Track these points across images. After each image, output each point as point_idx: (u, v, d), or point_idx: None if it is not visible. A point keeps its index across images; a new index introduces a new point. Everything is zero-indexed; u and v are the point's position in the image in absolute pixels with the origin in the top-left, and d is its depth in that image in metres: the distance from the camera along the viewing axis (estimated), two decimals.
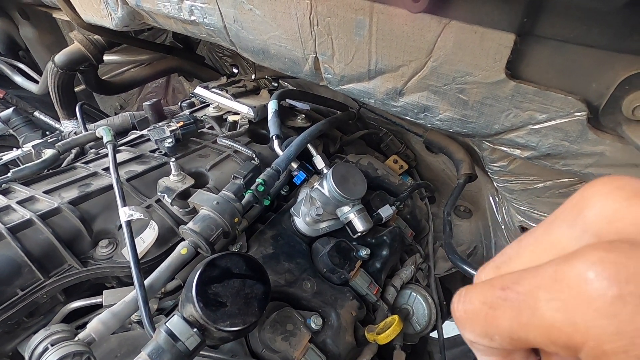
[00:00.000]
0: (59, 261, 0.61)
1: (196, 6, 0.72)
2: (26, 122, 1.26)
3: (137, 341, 0.56)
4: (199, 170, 0.81)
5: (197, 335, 0.47)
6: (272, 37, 0.66)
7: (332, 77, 0.64)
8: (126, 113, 1.12)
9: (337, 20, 0.56)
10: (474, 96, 0.51)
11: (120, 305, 0.52)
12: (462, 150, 0.95)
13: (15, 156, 0.86)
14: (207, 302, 0.48)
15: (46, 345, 0.47)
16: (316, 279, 0.72)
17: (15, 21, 1.76)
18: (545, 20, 0.42)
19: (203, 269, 0.50)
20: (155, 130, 0.85)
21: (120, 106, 2.16)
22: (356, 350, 0.69)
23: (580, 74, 0.44)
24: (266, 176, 0.68)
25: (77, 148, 0.90)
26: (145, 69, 1.51)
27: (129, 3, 0.84)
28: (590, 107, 0.45)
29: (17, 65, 1.75)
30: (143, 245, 0.64)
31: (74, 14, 1.02)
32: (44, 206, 0.65)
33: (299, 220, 0.76)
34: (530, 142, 0.52)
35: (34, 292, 0.57)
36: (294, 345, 0.62)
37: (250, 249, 0.72)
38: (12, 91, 1.56)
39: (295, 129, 1.00)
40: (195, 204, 0.63)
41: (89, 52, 1.17)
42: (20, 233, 0.60)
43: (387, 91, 0.59)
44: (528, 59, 0.46)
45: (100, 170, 0.76)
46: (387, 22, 0.51)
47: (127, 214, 0.59)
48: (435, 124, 0.59)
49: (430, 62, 0.51)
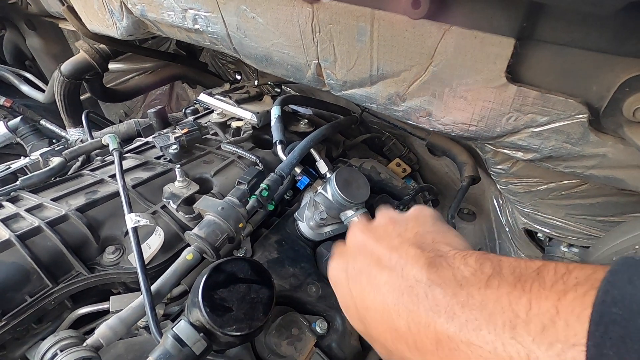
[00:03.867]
0: (67, 268, 0.62)
1: (200, 15, 0.73)
2: (33, 130, 1.27)
3: (145, 346, 0.56)
4: (203, 176, 0.82)
5: (204, 340, 0.47)
6: (274, 44, 0.67)
7: (334, 83, 0.65)
8: (131, 120, 1.14)
9: (339, 27, 0.56)
10: (475, 100, 0.52)
11: (128, 310, 0.52)
12: (465, 153, 0.95)
13: (23, 164, 0.88)
14: (213, 307, 0.48)
15: (55, 351, 0.47)
16: (321, 283, 0.72)
17: (22, 32, 1.80)
18: (545, 24, 0.43)
19: (209, 274, 0.50)
20: (160, 137, 0.86)
21: (125, 114, 2.18)
22: (361, 354, 0.69)
23: (580, 77, 0.44)
24: (270, 181, 0.68)
25: (83, 156, 0.91)
26: (149, 76, 1.53)
27: (134, 13, 0.86)
28: (591, 109, 0.45)
29: (24, 74, 1.78)
30: (149, 251, 0.65)
31: (80, 24, 1.04)
32: (51, 213, 0.66)
33: (302, 225, 0.77)
34: (532, 145, 0.53)
35: (42, 298, 0.58)
36: (299, 350, 0.62)
37: (255, 254, 0.72)
38: (19, 100, 1.58)
39: (299, 134, 1.00)
40: (200, 209, 0.64)
41: (95, 61, 1.19)
42: (29, 240, 0.61)
43: (389, 96, 0.60)
44: (528, 63, 0.47)
45: (107, 177, 0.77)
46: (388, 28, 0.52)
47: (133, 220, 0.60)
48: (438, 128, 0.59)
49: (432, 67, 0.52)
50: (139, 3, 0.82)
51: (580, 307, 0.22)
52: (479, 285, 0.28)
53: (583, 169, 0.52)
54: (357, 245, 0.43)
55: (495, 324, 0.26)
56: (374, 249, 0.39)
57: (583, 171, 0.53)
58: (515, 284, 0.26)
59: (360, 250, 0.41)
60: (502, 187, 0.78)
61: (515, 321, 0.25)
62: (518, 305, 0.25)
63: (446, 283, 0.30)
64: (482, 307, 0.27)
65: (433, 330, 0.29)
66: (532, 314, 0.24)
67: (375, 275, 0.36)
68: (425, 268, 0.33)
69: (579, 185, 0.65)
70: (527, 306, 0.25)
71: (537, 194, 0.71)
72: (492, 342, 0.25)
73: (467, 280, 0.30)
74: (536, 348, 0.23)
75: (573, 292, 0.23)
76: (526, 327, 0.24)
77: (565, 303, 0.23)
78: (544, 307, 0.24)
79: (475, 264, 0.30)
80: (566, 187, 0.67)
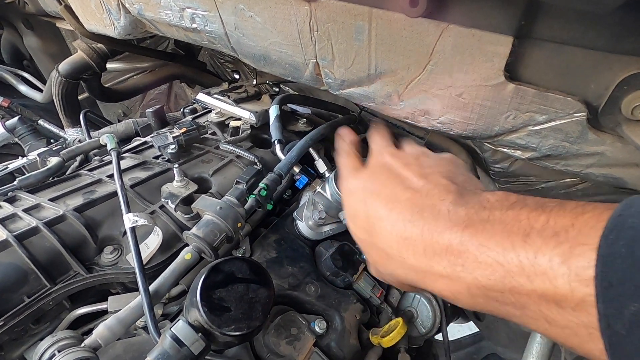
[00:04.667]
0: (65, 268, 0.62)
1: (197, 14, 0.73)
2: (31, 130, 1.27)
3: (143, 346, 0.56)
4: (201, 175, 0.81)
5: (202, 340, 0.47)
6: (272, 44, 0.66)
7: (332, 82, 0.65)
8: (129, 120, 1.13)
9: (337, 26, 0.56)
10: (473, 98, 0.52)
11: (126, 311, 0.52)
12: (463, 152, 0.95)
13: (21, 164, 0.87)
14: (211, 306, 0.48)
15: (53, 352, 0.47)
16: (320, 283, 0.72)
17: (20, 31, 1.79)
18: (543, 22, 0.43)
19: (207, 274, 0.50)
20: (158, 137, 0.86)
21: (124, 113, 2.17)
22: (360, 353, 0.69)
23: (578, 75, 0.44)
24: (269, 181, 0.68)
25: (81, 155, 0.91)
26: (147, 76, 1.52)
27: (131, 12, 0.85)
28: (590, 107, 0.45)
29: (22, 74, 1.77)
30: (147, 251, 0.64)
31: (77, 23, 1.03)
32: (49, 214, 0.66)
33: (301, 224, 0.77)
34: (530, 143, 0.53)
35: (40, 299, 0.57)
36: (298, 349, 0.62)
37: (253, 254, 0.72)
38: (17, 100, 1.57)
39: (297, 133, 1.00)
40: (199, 209, 0.64)
41: (92, 60, 1.18)
42: (27, 241, 0.61)
43: (387, 94, 0.60)
44: (526, 61, 0.46)
45: (105, 177, 0.77)
46: (386, 27, 0.52)
47: (131, 220, 0.59)
48: (436, 126, 0.59)
49: (430, 65, 0.52)
50: (137, 2, 0.81)
51: (595, 221, 0.22)
52: (502, 208, 0.29)
53: (581, 168, 0.52)
54: (381, 165, 0.42)
55: (509, 232, 0.26)
56: (401, 172, 0.39)
57: (581, 169, 0.53)
58: (537, 208, 0.27)
59: (384, 171, 0.41)
60: (502, 186, 0.78)
61: (529, 231, 0.25)
62: (536, 222, 0.26)
63: (470, 204, 0.31)
64: (501, 222, 0.28)
65: (447, 237, 0.30)
66: (548, 226, 0.25)
67: (397, 192, 0.37)
68: (452, 194, 0.33)
69: (578, 183, 0.65)
70: (544, 222, 0.25)
71: (536, 192, 0.71)
72: (502, 244, 0.26)
73: (492, 204, 0.30)
74: (544, 246, 0.24)
75: (591, 212, 0.24)
76: (539, 235, 0.25)
77: (582, 219, 0.23)
78: (560, 222, 0.24)
79: (502, 195, 0.31)
80: (565, 186, 0.67)
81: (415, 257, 0.33)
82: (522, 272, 0.25)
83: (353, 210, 0.42)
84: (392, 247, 0.35)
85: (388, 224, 0.36)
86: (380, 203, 0.37)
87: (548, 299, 0.23)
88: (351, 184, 0.45)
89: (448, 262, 0.30)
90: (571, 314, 0.22)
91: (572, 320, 0.22)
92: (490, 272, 0.27)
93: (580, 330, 0.22)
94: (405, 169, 0.40)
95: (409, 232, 0.33)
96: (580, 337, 0.22)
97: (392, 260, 0.36)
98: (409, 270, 0.34)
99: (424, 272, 0.33)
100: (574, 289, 0.22)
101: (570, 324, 0.22)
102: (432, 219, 0.32)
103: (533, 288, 0.24)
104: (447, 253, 0.30)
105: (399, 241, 0.35)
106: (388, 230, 0.36)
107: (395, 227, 0.35)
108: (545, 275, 0.23)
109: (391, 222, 0.35)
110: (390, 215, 0.36)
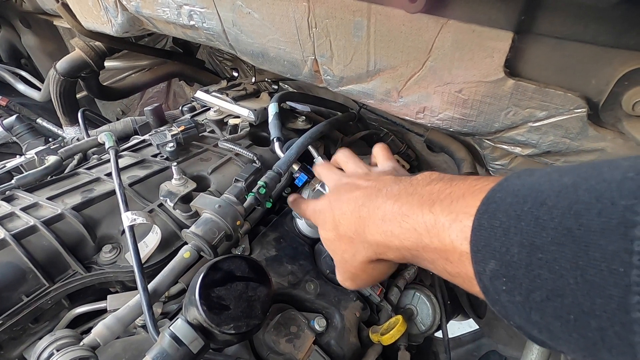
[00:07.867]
0: (64, 267, 0.61)
1: (195, 11, 0.73)
2: (29, 129, 1.26)
3: (142, 345, 0.56)
4: (200, 173, 0.81)
5: (201, 339, 0.47)
6: (271, 40, 0.66)
7: (331, 79, 0.64)
8: (128, 118, 1.13)
9: (335, 22, 0.56)
10: (473, 95, 0.51)
11: (125, 309, 0.52)
12: (463, 149, 0.94)
13: (19, 163, 0.87)
14: (210, 305, 0.48)
15: (52, 351, 0.47)
16: (319, 281, 0.72)
17: (17, 30, 1.78)
18: (543, 17, 0.42)
19: (206, 273, 0.50)
20: (157, 135, 0.85)
21: (122, 112, 2.17)
22: (360, 351, 0.69)
23: (579, 71, 0.44)
24: (268, 178, 0.68)
25: (79, 154, 0.91)
26: (146, 74, 1.52)
27: (128, 9, 0.85)
28: (590, 103, 0.45)
29: (20, 73, 1.77)
30: (146, 249, 0.64)
31: (75, 21, 1.03)
32: (47, 212, 0.66)
33: (301, 222, 0.76)
34: (530, 140, 0.52)
35: (38, 298, 0.57)
36: (298, 347, 0.62)
37: (253, 252, 0.72)
38: (14, 99, 1.57)
39: (296, 131, 1.00)
40: (198, 207, 0.63)
41: (90, 58, 1.18)
42: (25, 239, 0.60)
43: (386, 91, 0.59)
44: (526, 57, 0.46)
45: (103, 175, 0.77)
46: (385, 23, 0.51)
47: (129, 218, 0.59)
48: (435, 123, 0.59)
49: (429, 61, 0.52)
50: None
51: (481, 192, 0.29)
52: (424, 184, 0.38)
53: None
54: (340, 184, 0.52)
55: (423, 203, 0.35)
56: (355, 181, 0.49)
57: None
58: (447, 182, 0.35)
59: (343, 185, 0.50)
60: None
61: (435, 200, 0.34)
62: (442, 193, 0.34)
63: (403, 184, 0.41)
64: (420, 195, 0.36)
65: (382, 210, 0.39)
66: (448, 196, 0.33)
67: (353, 190, 0.46)
68: (391, 180, 0.44)
69: None
70: (448, 193, 0.33)
71: None
72: (416, 213, 0.35)
73: (417, 182, 0.39)
74: (440, 214, 0.32)
75: (482, 184, 0.31)
76: (440, 203, 0.33)
77: (472, 190, 0.31)
78: (457, 193, 0.32)
79: (427, 174, 0.39)
80: None
81: (370, 232, 0.41)
82: (428, 234, 0.33)
83: (322, 217, 0.50)
84: (352, 229, 0.44)
85: (347, 211, 0.45)
86: (342, 202, 0.46)
87: (442, 254, 0.32)
88: (318, 204, 0.53)
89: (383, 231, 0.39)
90: (458, 266, 0.31)
91: (459, 271, 0.31)
92: (409, 236, 0.35)
93: (466, 279, 0.30)
94: (358, 179, 0.50)
95: (360, 212, 0.42)
96: (468, 283, 0.30)
97: (355, 243, 0.44)
98: (369, 246, 0.42)
99: (377, 244, 0.40)
100: (456, 247, 0.30)
101: (460, 273, 0.31)
102: (375, 197, 0.42)
103: (435, 246, 0.32)
104: (384, 222, 0.39)
105: (356, 222, 0.43)
106: (348, 217, 0.44)
107: (352, 212, 0.44)
108: (441, 236, 0.31)
109: (350, 209, 0.44)
110: (349, 205, 0.45)
